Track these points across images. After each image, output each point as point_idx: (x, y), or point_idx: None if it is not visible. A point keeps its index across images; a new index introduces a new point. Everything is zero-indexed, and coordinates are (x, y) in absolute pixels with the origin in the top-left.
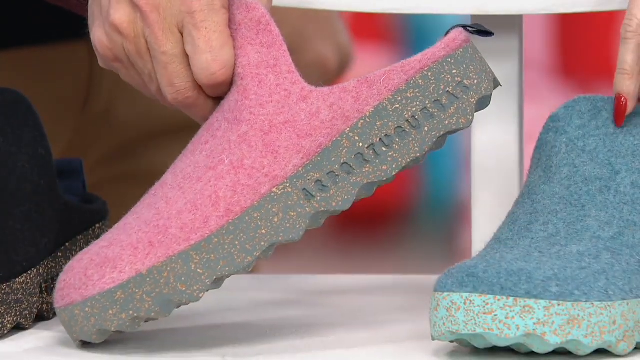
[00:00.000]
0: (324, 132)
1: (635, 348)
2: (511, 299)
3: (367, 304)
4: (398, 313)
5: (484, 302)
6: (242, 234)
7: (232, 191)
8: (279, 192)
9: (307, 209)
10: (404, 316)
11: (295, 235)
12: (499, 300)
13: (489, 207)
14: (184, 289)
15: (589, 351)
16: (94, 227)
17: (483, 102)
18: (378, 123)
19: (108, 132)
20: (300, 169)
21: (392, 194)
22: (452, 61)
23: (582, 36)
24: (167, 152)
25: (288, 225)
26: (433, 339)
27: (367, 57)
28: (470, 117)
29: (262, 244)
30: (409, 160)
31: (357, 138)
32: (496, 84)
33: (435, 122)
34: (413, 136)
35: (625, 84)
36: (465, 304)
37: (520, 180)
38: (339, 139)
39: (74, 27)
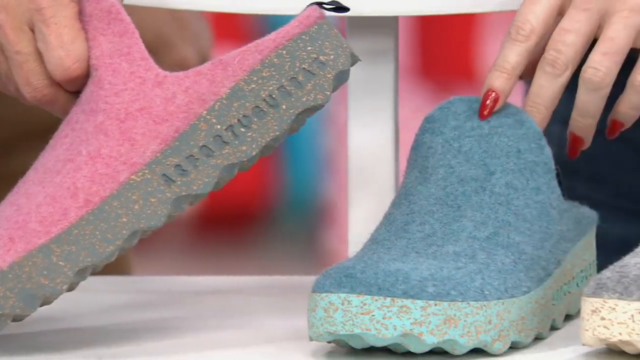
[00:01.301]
0: (181, 117)
1: (510, 347)
2: (388, 299)
3: (240, 304)
4: (274, 314)
5: (362, 302)
6: (102, 224)
7: (91, 181)
8: (138, 179)
9: (167, 194)
10: (280, 317)
11: (157, 221)
12: (376, 300)
13: (365, 208)
14: (46, 282)
15: (465, 350)
16: None
17: (341, 78)
18: (235, 104)
19: None
20: (159, 154)
21: (254, 195)
22: (307, 38)
23: (440, 38)
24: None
25: (149, 211)
26: (311, 340)
27: None
28: (328, 93)
29: (124, 232)
30: (268, 139)
31: (214, 120)
32: (354, 59)
33: (292, 99)
34: (271, 115)
35: (501, 82)
36: (342, 304)
37: (396, 181)
38: (196, 122)
39: None
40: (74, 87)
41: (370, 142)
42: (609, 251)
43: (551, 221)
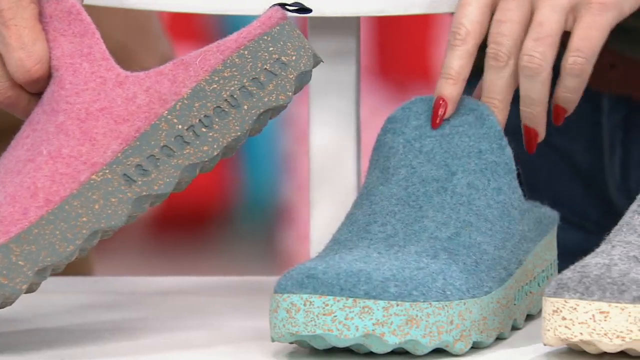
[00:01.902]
0: (142, 117)
1: (472, 347)
2: (350, 299)
3: (201, 305)
4: (234, 314)
5: (324, 303)
6: (62, 223)
7: (51, 181)
8: (98, 179)
9: (128, 194)
10: (241, 317)
11: (118, 221)
12: (338, 301)
13: (326, 208)
14: (5, 282)
15: (426, 351)
16: None
17: (303, 78)
18: (196, 104)
19: None
20: (120, 154)
21: (213, 195)
22: (269, 39)
23: (398, 37)
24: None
25: (110, 211)
26: (273, 341)
27: None
28: (290, 94)
29: (84, 231)
30: (230, 139)
31: (175, 120)
32: (316, 60)
33: (254, 100)
34: (233, 115)
35: (448, 89)
36: (305, 305)
37: (358, 181)
38: (157, 122)
39: None
40: (35, 89)
41: (331, 142)
42: None
43: (512, 221)
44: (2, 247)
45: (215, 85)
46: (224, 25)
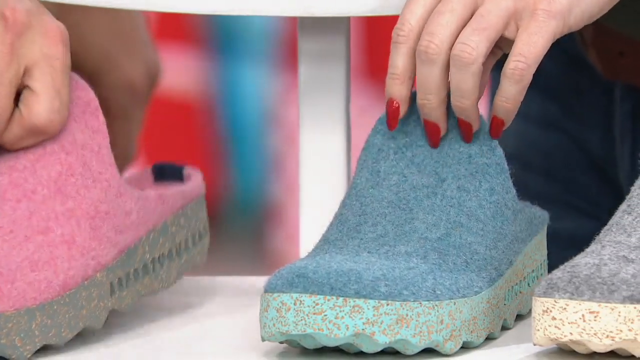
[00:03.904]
0: (132, 234)
1: (462, 347)
2: (341, 299)
3: (191, 305)
4: (224, 314)
5: (314, 302)
6: (72, 309)
7: (68, 265)
8: (100, 279)
9: (108, 303)
10: (231, 317)
11: (98, 324)
12: (328, 300)
13: (316, 208)
14: (19, 345)
15: (417, 350)
16: None
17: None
18: (161, 239)
19: None
20: (114, 262)
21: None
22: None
23: (387, 38)
24: None
25: (97, 312)
26: (263, 340)
27: (172, 58)
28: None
29: (80, 324)
30: (160, 288)
31: (146, 248)
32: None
33: (188, 255)
34: (175, 263)
35: (396, 89)
36: (295, 304)
37: (348, 181)
38: (138, 244)
39: None
40: (27, 142)
41: (321, 142)
42: (560, 247)
43: (505, 221)
44: (28, 310)
45: (174, 228)
46: (212, 25)
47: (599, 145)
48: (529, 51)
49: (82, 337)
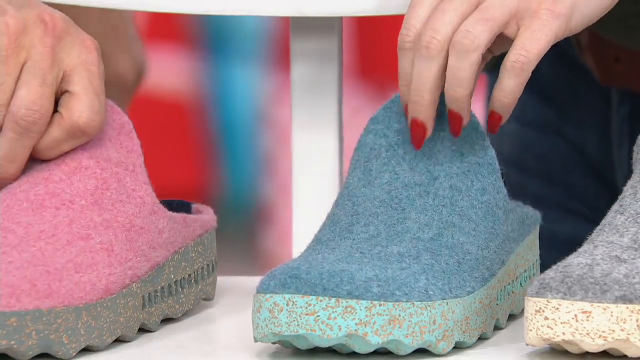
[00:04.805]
0: (162, 252)
1: (455, 347)
2: (333, 299)
3: None
4: (216, 314)
5: (307, 303)
6: (112, 314)
7: (108, 270)
8: (135, 290)
9: (140, 315)
10: (223, 317)
11: (132, 335)
12: (321, 301)
13: (309, 208)
14: (66, 342)
15: (409, 351)
16: None
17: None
18: (183, 263)
19: None
20: (147, 276)
21: (193, 196)
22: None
23: (379, 38)
24: None
25: (131, 323)
26: (255, 341)
27: (165, 58)
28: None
29: (117, 331)
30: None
31: (171, 269)
32: None
33: (202, 284)
34: (194, 289)
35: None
36: (287, 305)
37: (341, 182)
38: (165, 262)
39: None
40: (62, 146)
41: (314, 142)
42: (559, 251)
43: (497, 221)
44: (77, 308)
45: (193, 254)
46: (205, 25)
47: (596, 148)
48: (531, 46)
49: None
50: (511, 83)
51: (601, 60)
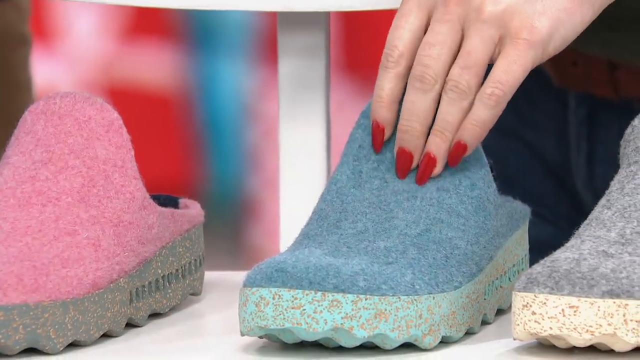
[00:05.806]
0: (151, 247)
1: (441, 342)
2: (319, 293)
3: None
4: (203, 308)
5: (293, 296)
6: (99, 309)
7: (95, 265)
8: (122, 285)
9: (127, 310)
10: (209, 312)
11: (119, 330)
12: (307, 294)
13: (296, 203)
14: (54, 336)
15: (395, 345)
16: None
17: None
18: (171, 258)
19: None
20: (135, 271)
21: (179, 190)
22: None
23: (366, 32)
24: None
25: (118, 318)
26: (242, 335)
27: (151, 52)
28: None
29: (105, 326)
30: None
31: (159, 264)
32: None
33: (189, 279)
34: (181, 283)
35: (380, 112)
36: (274, 298)
37: (328, 176)
38: (152, 257)
39: None
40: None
41: (301, 137)
42: None
43: (488, 216)
44: (64, 303)
45: (181, 249)
46: (191, 20)
47: (554, 152)
48: (506, 79)
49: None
50: (485, 114)
51: (558, 63)
